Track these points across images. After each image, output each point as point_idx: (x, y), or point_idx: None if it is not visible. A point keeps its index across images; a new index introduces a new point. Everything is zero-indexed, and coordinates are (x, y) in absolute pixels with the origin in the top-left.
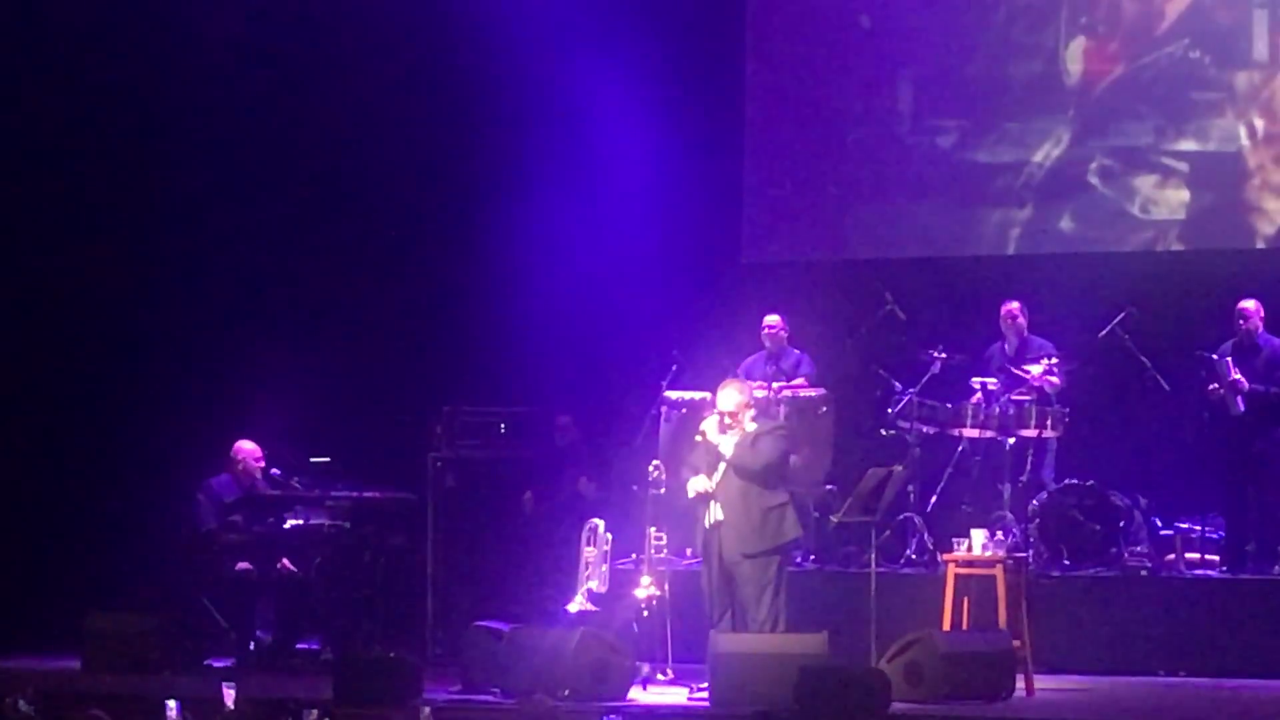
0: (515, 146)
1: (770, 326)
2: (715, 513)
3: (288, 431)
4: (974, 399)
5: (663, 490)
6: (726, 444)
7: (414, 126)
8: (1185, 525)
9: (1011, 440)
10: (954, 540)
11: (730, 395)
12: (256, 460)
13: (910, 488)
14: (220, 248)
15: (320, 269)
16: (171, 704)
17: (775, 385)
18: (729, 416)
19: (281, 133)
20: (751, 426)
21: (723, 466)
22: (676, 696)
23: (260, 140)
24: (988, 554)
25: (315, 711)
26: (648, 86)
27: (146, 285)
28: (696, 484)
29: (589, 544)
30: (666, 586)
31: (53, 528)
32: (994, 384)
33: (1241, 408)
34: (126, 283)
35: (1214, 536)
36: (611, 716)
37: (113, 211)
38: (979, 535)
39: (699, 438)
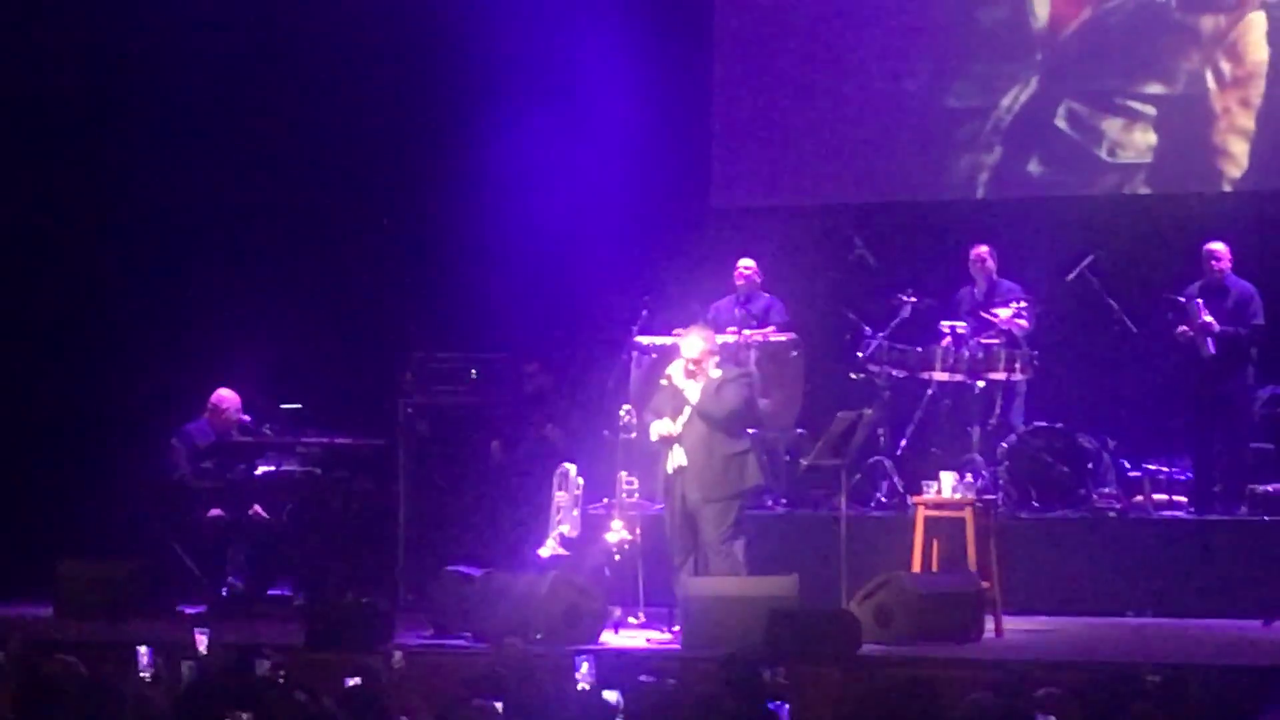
0: (484, 91)
1: (744, 270)
2: (678, 458)
3: (258, 378)
4: (943, 342)
5: (633, 435)
6: (692, 390)
7: (383, 71)
8: (1153, 467)
9: (980, 383)
10: (923, 483)
11: (694, 342)
12: (236, 410)
13: (880, 431)
14: (191, 195)
15: (291, 214)
16: (143, 650)
17: (745, 330)
18: (693, 363)
19: (250, 77)
20: (716, 373)
21: (687, 411)
22: (646, 639)
23: (229, 86)
24: (957, 496)
25: (267, 663)
26: (617, 32)
27: (118, 232)
28: (659, 427)
29: (560, 489)
30: (638, 531)
31: (25, 474)
32: (963, 327)
33: (1212, 350)
34: (97, 230)
35: (1181, 478)
36: (583, 659)
37: (81, 157)
38: (948, 478)
39: (664, 382)
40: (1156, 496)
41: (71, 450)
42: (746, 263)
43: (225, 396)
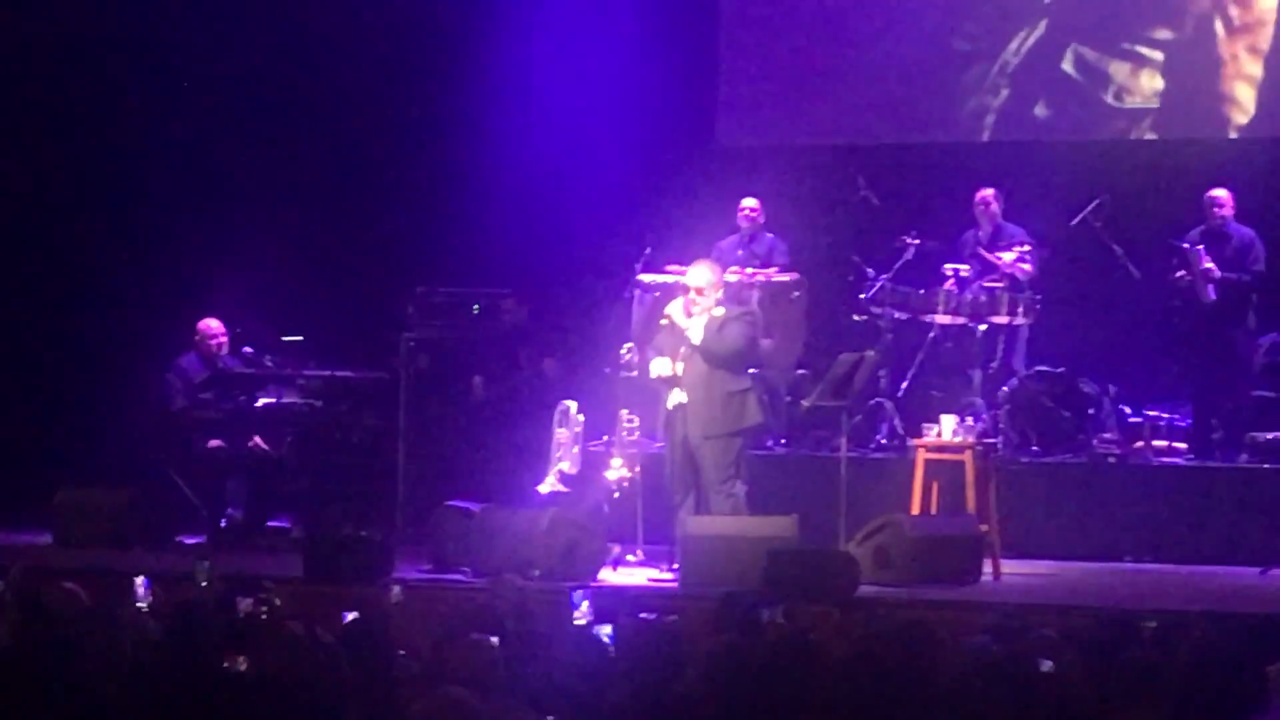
0: (489, 25)
1: (748, 209)
2: (678, 395)
3: (260, 310)
4: (946, 285)
5: (635, 373)
6: (694, 328)
7: (386, 8)
8: (1153, 413)
9: (983, 327)
10: (924, 425)
11: (701, 272)
12: (221, 336)
13: (881, 373)
14: (191, 128)
15: (294, 146)
16: (139, 580)
17: (749, 270)
18: (695, 292)
19: (256, 16)
20: (719, 311)
21: (686, 348)
22: (645, 577)
23: (227, 23)
24: (957, 439)
25: (249, 600)
26: None
27: (117, 162)
28: (658, 366)
29: (561, 425)
30: (637, 469)
31: (25, 403)
32: (966, 270)
33: (1212, 296)
34: (95, 160)
35: (1181, 424)
36: (582, 596)
37: (77, 90)
38: (949, 421)
39: (664, 321)
40: (1156, 443)
41: (71, 379)
42: (749, 202)
43: (209, 325)
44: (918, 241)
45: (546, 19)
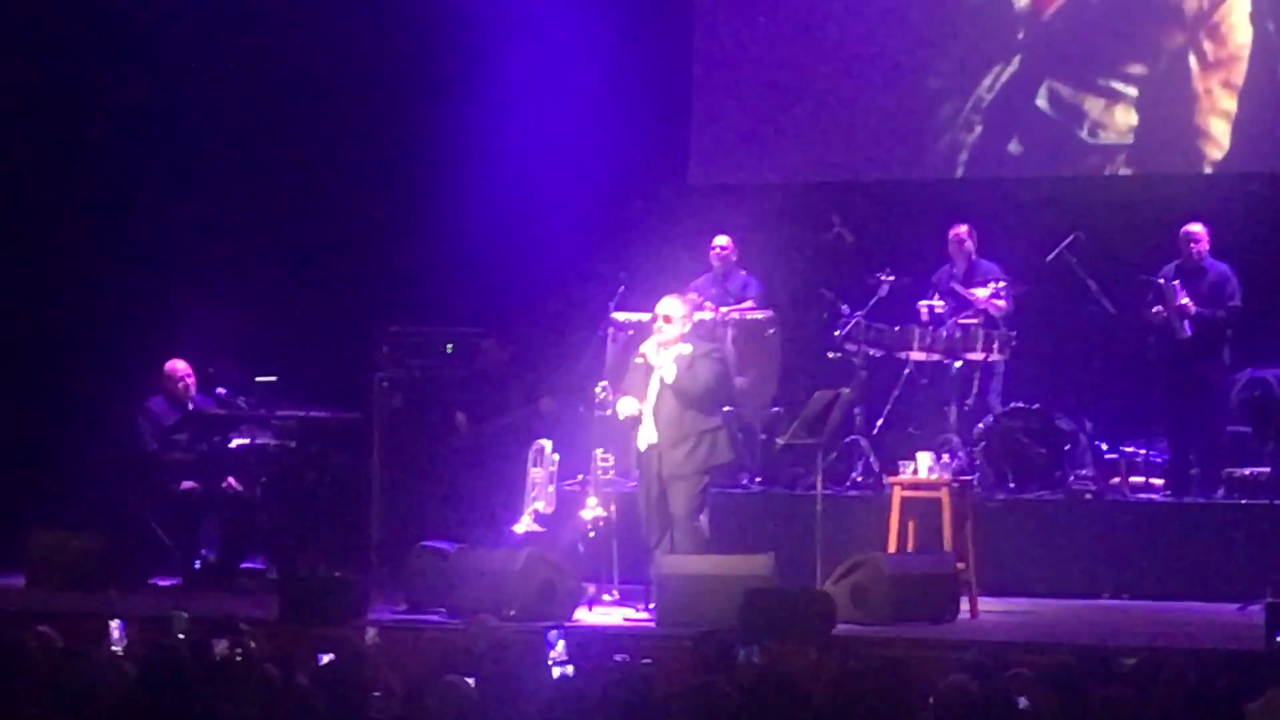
0: (461, 64)
1: (720, 248)
2: (649, 434)
3: (234, 350)
4: (921, 322)
5: (609, 411)
6: (666, 366)
7: (360, 43)
8: (1130, 449)
9: (958, 363)
10: (900, 463)
11: (670, 302)
12: (188, 377)
13: (856, 410)
14: (167, 167)
15: (267, 187)
16: (114, 623)
17: (722, 308)
18: (664, 319)
19: (223, 51)
20: (688, 349)
21: (656, 386)
22: (621, 617)
23: (202, 59)
24: (933, 476)
25: (224, 643)
26: (595, 8)
27: (90, 203)
28: (624, 407)
29: (535, 465)
30: (613, 508)
31: None
32: (941, 307)
33: (1188, 331)
34: (69, 201)
35: (1158, 460)
36: (556, 635)
37: (44, 126)
38: (925, 458)
39: (639, 359)
40: (1133, 479)
41: (44, 422)
42: (721, 240)
43: (176, 366)
44: (892, 278)
45: (521, 58)
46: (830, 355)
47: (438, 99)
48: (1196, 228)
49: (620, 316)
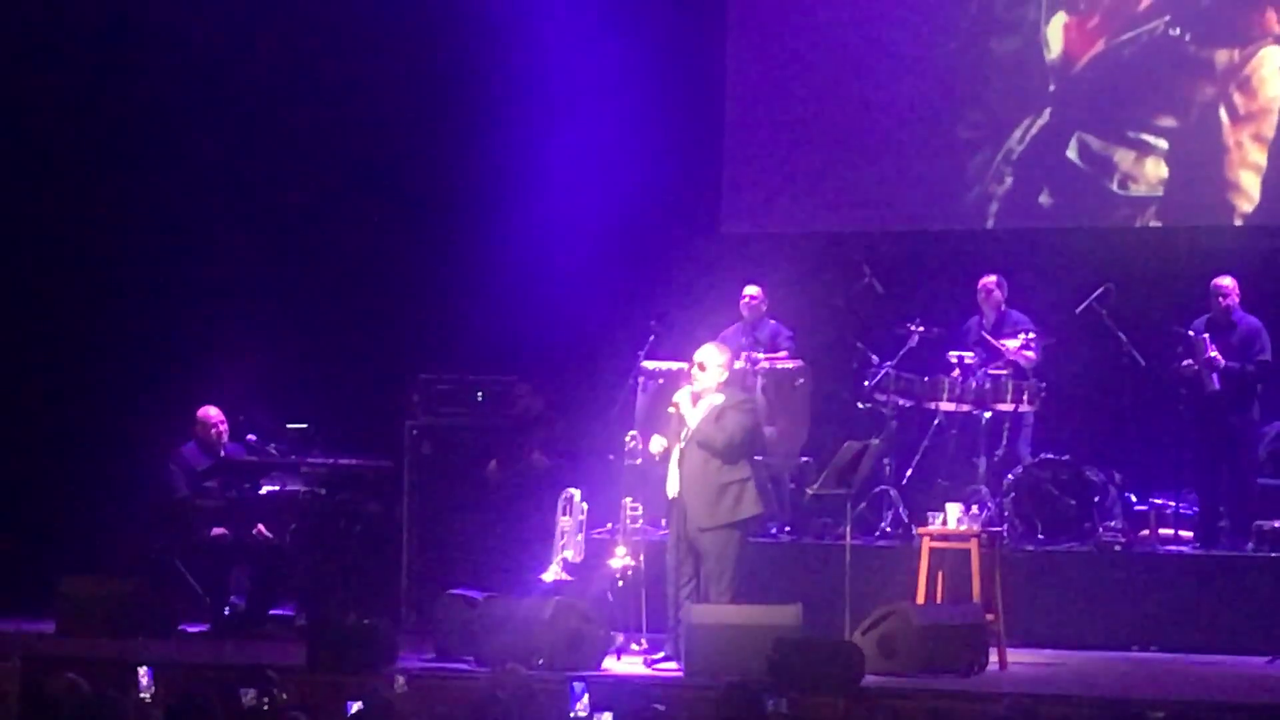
0: (495, 113)
1: (750, 297)
2: (675, 485)
3: (265, 397)
4: (951, 373)
5: (639, 460)
6: (694, 416)
7: (392, 90)
8: (1160, 501)
9: (988, 414)
10: (929, 513)
11: (708, 350)
12: (221, 424)
13: (886, 460)
14: (197, 213)
15: (299, 233)
16: (142, 670)
17: (753, 356)
18: (698, 367)
19: (250, 93)
20: (719, 399)
21: (685, 434)
22: (643, 663)
23: (230, 99)
24: (962, 528)
25: (252, 692)
26: (630, 54)
27: (121, 248)
28: (655, 444)
29: (565, 513)
30: (641, 557)
31: (29, 490)
32: (971, 358)
33: (1217, 385)
34: (100, 245)
35: (1188, 512)
36: (580, 686)
37: (80, 174)
38: (954, 509)
39: (672, 409)
40: (1163, 531)
41: (76, 467)
42: (752, 290)
43: (209, 413)
44: (922, 329)
45: (554, 104)
46: (860, 405)
47: (470, 145)
48: (1226, 281)
49: (650, 365)
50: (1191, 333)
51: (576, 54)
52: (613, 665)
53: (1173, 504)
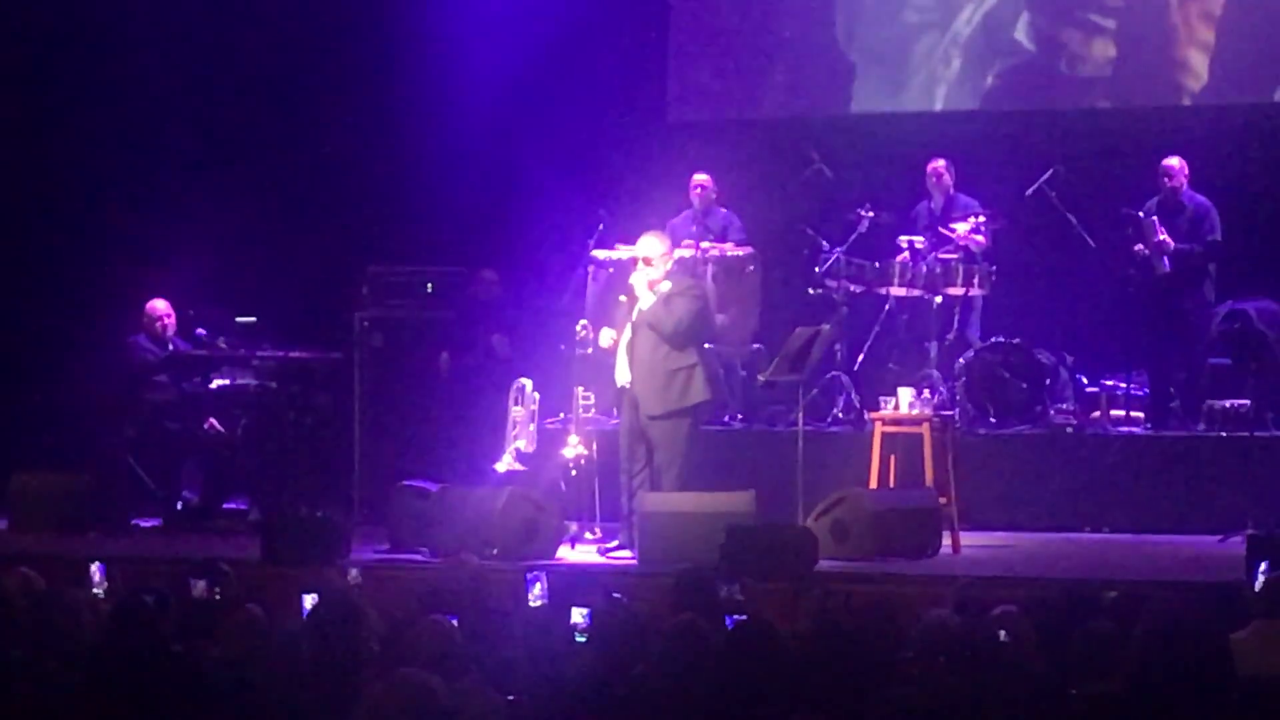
0: (437, 4)
1: (699, 185)
2: (624, 373)
3: (213, 291)
4: (901, 257)
5: (590, 350)
6: (646, 302)
7: None
8: (1110, 383)
9: (938, 299)
10: (881, 398)
11: (650, 242)
12: (168, 317)
13: (837, 346)
14: (139, 111)
15: (243, 126)
16: (95, 565)
17: (702, 245)
18: (644, 261)
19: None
20: (667, 285)
21: (633, 323)
22: (597, 551)
23: (175, 9)
24: (914, 412)
25: (202, 583)
26: None
27: (66, 146)
28: (604, 337)
29: (517, 403)
30: (594, 446)
31: None
32: (921, 242)
33: (1167, 267)
34: (46, 144)
35: (1139, 393)
36: (536, 574)
37: (27, 73)
38: (906, 393)
39: (623, 298)
40: (1114, 412)
41: (23, 365)
42: (700, 178)
43: (156, 305)
44: (872, 214)
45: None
46: (811, 291)
47: (414, 39)
48: (1174, 161)
49: (600, 254)
50: (1141, 214)
51: None
52: (567, 554)
53: (1124, 385)
